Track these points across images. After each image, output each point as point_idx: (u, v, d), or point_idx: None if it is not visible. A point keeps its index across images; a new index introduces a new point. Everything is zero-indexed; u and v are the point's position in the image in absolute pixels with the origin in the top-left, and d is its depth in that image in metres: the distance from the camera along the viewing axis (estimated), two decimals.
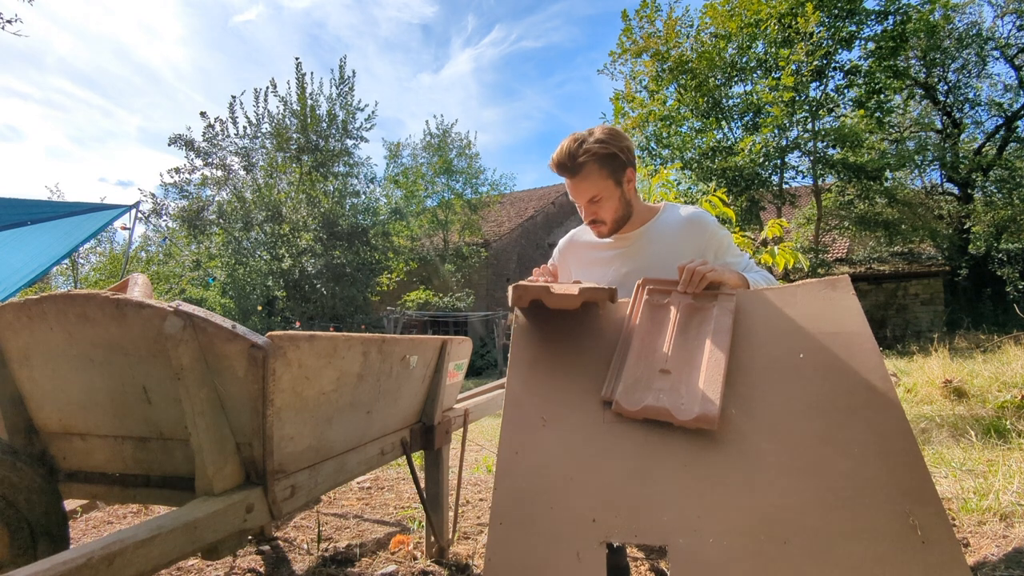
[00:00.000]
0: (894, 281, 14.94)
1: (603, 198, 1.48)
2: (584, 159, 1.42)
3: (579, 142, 1.43)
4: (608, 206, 1.50)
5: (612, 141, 1.44)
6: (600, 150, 1.43)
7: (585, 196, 1.48)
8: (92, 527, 2.33)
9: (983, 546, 1.86)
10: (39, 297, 1.16)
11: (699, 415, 1.09)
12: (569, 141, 1.45)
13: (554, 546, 1.03)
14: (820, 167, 13.56)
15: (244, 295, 13.16)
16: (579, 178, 1.46)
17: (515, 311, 1.36)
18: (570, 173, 1.46)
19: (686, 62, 13.74)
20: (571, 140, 1.45)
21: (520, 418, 1.20)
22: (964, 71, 17.90)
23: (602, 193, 1.47)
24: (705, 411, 1.09)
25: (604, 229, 1.54)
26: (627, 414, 1.13)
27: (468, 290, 16.53)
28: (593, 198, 1.48)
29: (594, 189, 1.47)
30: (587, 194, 1.48)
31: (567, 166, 1.45)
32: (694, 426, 1.09)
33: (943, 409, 4.44)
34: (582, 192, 1.48)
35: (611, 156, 1.44)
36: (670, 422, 1.11)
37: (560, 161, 1.45)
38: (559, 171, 1.48)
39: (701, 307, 1.28)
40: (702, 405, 1.09)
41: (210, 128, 13.88)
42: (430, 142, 18.70)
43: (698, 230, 1.52)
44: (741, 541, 0.98)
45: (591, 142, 1.43)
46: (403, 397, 1.63)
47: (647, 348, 1.23)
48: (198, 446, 1.04)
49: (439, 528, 1.89)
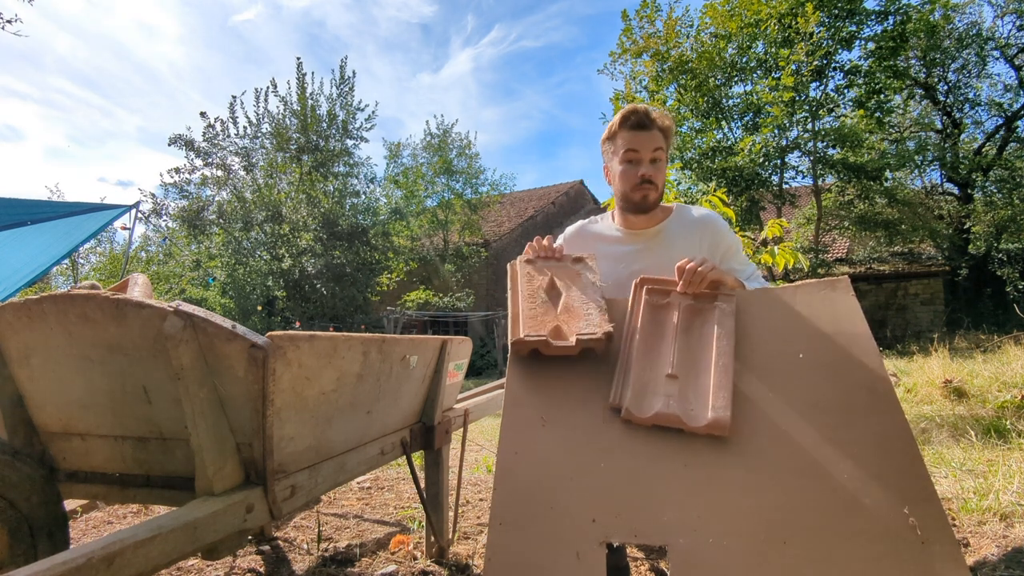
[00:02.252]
0: (894, 281, 14.93)
1: (662, 160, 1.53)
2: (656, 119, 1.51)
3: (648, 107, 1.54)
4: (662, 171, 1.55)
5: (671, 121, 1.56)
6: (664, 121, 1.53)
7: (652, 146, 1.51)
8: (92, 527, 2.34)
9: (983, 546, 1.86)
10: (39, 297, 1.16)
11: (711, 421, 1.08)
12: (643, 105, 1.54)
13: (554, 546, 1.03)
14: (820, 167, 13.55)
15: (244, 295, 13.16)
16: (652, 132, 1.51)
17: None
18: (646, 125, 1.50)
19: (686, 62, 13.74)
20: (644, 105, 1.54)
21: (520, 418, 1.20)
22: (964, 71, 17.89)
23: (663, 154, 1.53)
24: (717, 418, 1.08)
25: (654, 195, 1.54)
26: (637, 421, 1.13)
27: (468, 290, 16.52)
28: (656, 152, 1.52)
29: (660, 143, 1.52)
30: (654, 144, 1.51)
31: (646, 117, 1.50)
32: (706, 432, 1.09)
33: (943, 409, 4.44)
34: (652, 142, 1.51)
35: (670, 132, 1.55)
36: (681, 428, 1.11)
37: (637, 111, 1.50)
38: (633, 120, 1.51)
39: (702, 308, 1.28)
40: (713, 411, 1.09)
41: (210, 128, 13.87)
42: (430, 142, 18.69)
43: (711, 231, 1.55)
44: (741, 541, 0.98)
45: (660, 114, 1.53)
46: (403, 397, 1.63)
47: (651, 351, 1.23)
48: (198, 446, 1.04)
49: (439, 528, 1.89)
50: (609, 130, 1.56)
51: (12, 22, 6.70)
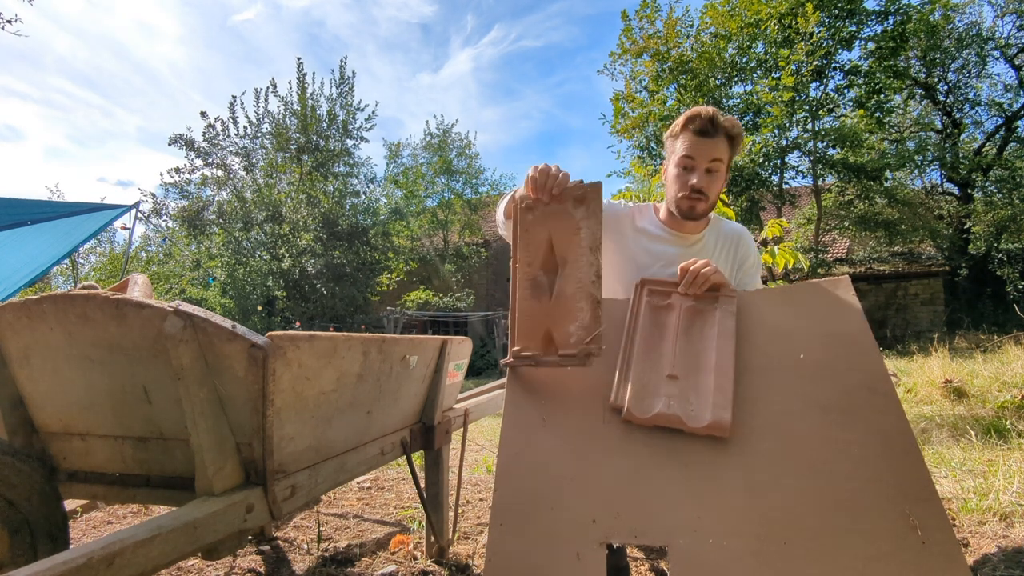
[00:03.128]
0: (894, 281, 14.93)
1: (719, 171, 1.47)
2: (723, 127, 1.43)
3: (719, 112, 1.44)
4: (717, 183, 1.48)
5: (742, 130, 1.47)
6: (735, 131, 1.44)
7: (711, 156, 1.44)
8: (92, 527, 2.33)
9: (983, 546, 1.86)
10: (39, 297, 1.16)
11: (711, 423, 1.09)
12: (709, 108, 1.45)
13: (554, 547, 1.03)
14: (820, 167, 13.56)
15: (244, 295, 13.17)
16: (715, 139, 1.43)
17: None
18: (710, 132, 1.43)
19: (686, 62, 13.74)
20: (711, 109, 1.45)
21: (520, 418, 1.20)
22: (964, 71, 17.90)
23: (722, 165, 1.46)
24: (717, 419, 1.08)
25: (703, 207, 1.48)
26: (638, 422, 1.13)
27: (468, 290, 16.53)
28: (714, 163, 1.45)
29: (721, 154, 1.44)
30: (713, 154, 1.44)
31: (711, 123, 1.42)
32: (706, 433, 1.09)
33: (943, 409, 4.44)
34: (712, 151, 1.43)
35: (737, 141, 1.47)
36: (681, 429, 1.11)
37: (704, 116, 1.42)
38: (698, 123, 1.43)
39: (703, 309, 1.28)
40: (714, 412, 1.09)
41: (210, 128, 13.89)
42: (430, 142, 18.72)
43: (744, 248, 1.59)
44: (741, 541, 0.98)
45: (728, 120, 1.44)
46: (403, 397, 1.63)
47: (652, 351, 1.23)
48: (198, 446, 1.04)
49: (439, 528, 1.89)
50: (673, 129, 1.50)
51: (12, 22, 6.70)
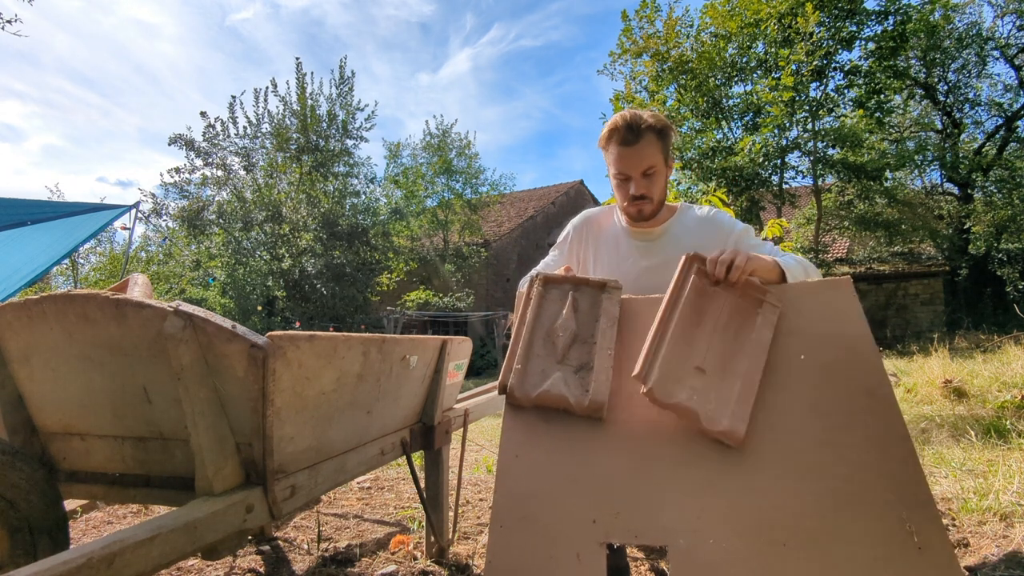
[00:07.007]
0: (894, 281, 14.93)
1: (656, 172, 1.47)
2: (645, 128, 1.43)
3: (638, 115, 1.44)
4: (659, 183, 1.49)
5: (667, 121, 1.48)
6: (658, 124, 1.45)
7: (642, 166, 1.45)
8: (92, 527, 2.33)
9: (983, 546, 1.86)
10: (39, 297, 1.16)
11: (727, 430, 1.07)
12: (627, 113, 1.45)
13: (554, 547, 1.03)
14: (820, 167, 13.55)
15: (244, 295, 13.16)
16: (639, 146, 1.43)
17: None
18: (630, 141, 1.43)
19: (686, 62, 13.74)
20: (629, 112, 1.45)
21: (521, 419, 1.20)
22: (964, 71, 17.90)
23: (657, 167, 1.47)
24: (734, 428, 1.07)
25: (649, 208, 1.51)
26: (658, 404, 1.11)
27: (468, 290, 16.53)
28: (648, 170, 1.46)
29: (651, 160, 1.45)
30: (644, 164, 1.45)
31: (630, 131, 1.43)
32: (717, 438, 1.08)
33: (943, 409, 4.44)
34: (640, 161, 1.45)
35: (666, 132, 1.47)
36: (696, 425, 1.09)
37: (621, 126, 1.43)
38: (618, 136, 1.44)
39: (745, 310, 1.22)
40: (732, 421, 1.08)
41: (210, 128, 13.88)
42: (430, 142, 18.71)
43: (716, 227, 1.54)
44: (740, 542, 0.98)
45: (648, 116, 1.44)
46: (403, 397, 1.63)
47: (687, 337, 1.18)
48: (198, 446, 1.04)
49: (439, 528, 1.89)
50: (600, 141, 1.51)
51: (12, 22, 6.70)
